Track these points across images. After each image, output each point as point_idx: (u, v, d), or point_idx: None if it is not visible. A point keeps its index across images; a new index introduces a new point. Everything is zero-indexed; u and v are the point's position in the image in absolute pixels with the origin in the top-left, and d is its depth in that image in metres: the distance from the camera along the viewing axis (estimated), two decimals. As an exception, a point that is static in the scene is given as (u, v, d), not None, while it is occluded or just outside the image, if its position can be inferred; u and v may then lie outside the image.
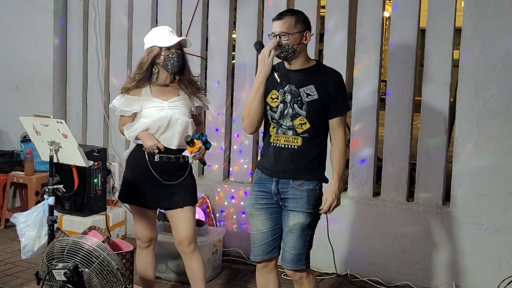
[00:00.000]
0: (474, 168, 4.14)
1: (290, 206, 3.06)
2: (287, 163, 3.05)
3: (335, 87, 3.04)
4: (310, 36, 3.05)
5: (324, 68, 3.15)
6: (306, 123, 3.02)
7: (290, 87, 3.04)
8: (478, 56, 4.08)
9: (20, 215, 3.33)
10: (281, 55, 3.03)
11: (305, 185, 3.04)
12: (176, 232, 3.44)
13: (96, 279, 2.45)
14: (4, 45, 5.72)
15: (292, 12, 3.10)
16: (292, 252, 3.08)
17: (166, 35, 3.31)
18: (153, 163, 3.34)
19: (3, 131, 5.81)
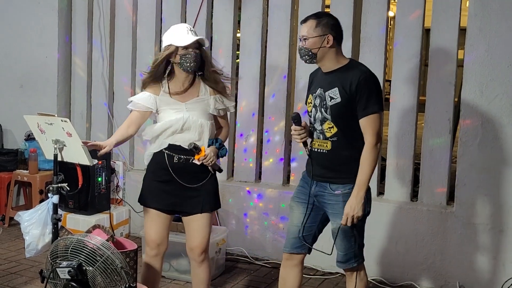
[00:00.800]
0: (478, 168, 4.13)
1: (329, 211, 3.10)
2: (319, 167, 3.08)
3: (356, 87, 2.92)
4: (332, 39, 2.97)
5: (352, 67, 3.03)
6: (333, 127, 3.01)
7: (319, 91, 3.05)
8: (483, 56, 4.07)
9: (25, 213, 3.33)
10: (302, 58, 3.06)
11: (340, 189, 3.04)
12: (189, 238, 3.34)
13: (100, 278, 2.45)
14: (9, 43, 5.74)
15: (316, 15, 3.05)
16: (340, 253, 3.14)
17: (184, 34, 3.19)
18: (172, 165, 3.23)
19: (7, 130, 5.82)
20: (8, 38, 5.73)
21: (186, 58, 3.17)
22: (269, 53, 4.89)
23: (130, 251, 3.66)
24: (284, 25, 4.76)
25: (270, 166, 4.91)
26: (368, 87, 2.95)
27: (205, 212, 3.29)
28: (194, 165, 3.23)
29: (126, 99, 5.38)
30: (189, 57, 3.17)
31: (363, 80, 2.95)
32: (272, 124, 4.87)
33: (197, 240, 3.31)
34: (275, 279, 4.42)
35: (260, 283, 4.38)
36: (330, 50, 3.00)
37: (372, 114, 2.94)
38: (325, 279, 4.43)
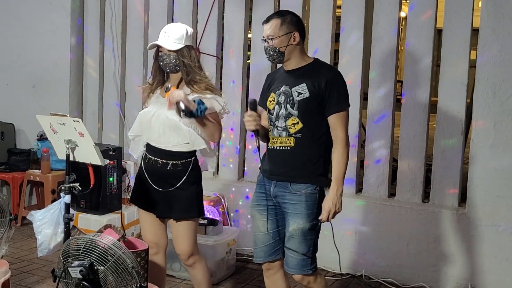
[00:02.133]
0: (490, 169, 4.11)
1: (289, 212, 3.01)
2: (281, 165, 3.02)
3: (327, 83, 2.93)
4: (299, 36, 2.98)
5: (319, 65, 3.06)
6: (298, 123, 2.96)
7: (284, 88, 3.02)
8: (495, 57, 4.05)
9: (37, 213, 3.35)
10: (270, 58, 3.03)
11: (302, 189, 2.97)
12: (174, 244, 3.35)
13: (111, 277, 2.46)
14: (21, 44, 5.78)
15: (279, 14, 3.05)
16: (296, 257, 3.01)
17: (160, 35, 3.24)
18: (145, 165, 3.28)
19: (20, 130, 5.86)
20: (21, 38, 5.77)
21: (160, 58, 3.22)
22: (280, 53, 4.87)
23: (141, 251, 3.67)
24: (295, 25, 4.75)
25: (281, 166, 4.90)
26: (340, 84, 2.98)
27: (173, 219, 3.26)
28: (160, 168, 3.22)
29: (137, 99, 5.43)
30: (162, 59, 3.21)
31: (333, 77, 2.97)
32: (283, 124, 4.86)
33: (180, 247, 3.30)
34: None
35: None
36: (296, 48, 3.00)
37: (343, 111, 2.96)
38: (335, 281, 4.42)
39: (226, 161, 5.08)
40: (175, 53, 3.18)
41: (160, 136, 3.22)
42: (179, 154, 3.23)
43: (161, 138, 3.22)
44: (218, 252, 4.30)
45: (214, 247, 4.25)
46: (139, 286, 2.45)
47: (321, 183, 3.01)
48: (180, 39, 3.19)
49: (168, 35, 3.20)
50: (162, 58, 3.21)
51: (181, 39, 3.19)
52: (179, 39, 3.19)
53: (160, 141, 3.23)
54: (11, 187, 5.53)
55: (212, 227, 4.30)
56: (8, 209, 3.38)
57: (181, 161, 3.23)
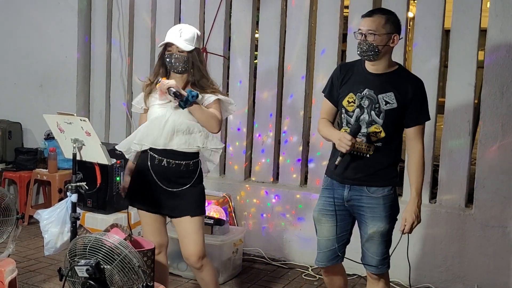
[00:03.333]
0: (498, 170, 4.09)
1: (367, 215, 3.01)
2: (356, 170, 2.99)
3: (414, 95, 2.91)
4: (398, 39, 2.92)
5: (405, 74, 3.02)
6: (381, 132, 2.93)
7: (368, 92, 2.93)
8: (503, 57, 4.03)
9: (44, 211, 3.36)
10: (365, 54, 2.90)
11: (379, 191, 2.99)
12: (182, 246, 3.29)
13: (117, 276, 2.46)
14: (29, 44, 5.79)
15: (383, 12, 2.97)
16: (376, 258, 3.07)
17: (170, 34, 3.20)
18: (153, 167, 3.22)
19: (27, 129, 5.88)
20: (29, 38, 5.79)
21: (168, 57, 3.19)
22: (287, 53, 4.88)
23: (147, 250, 3.67)
24: (302, 25, 4.75)
25: (288, 166, 4.90)
26: (424, 97, 2.97)
27: (192, 216, 3.22)
28: (173, 169, 3.21)
29: (144, 99, 5.44)
30: (170, 56, 3.17)
31: (419, 89, 2.95)
32: (290, 124, 4.86)
33: (190, 248, 3.25)
34: (292, 280, 4.43)
35: (277, 284, 4.38)
36: (390, 50, 2.94)
37: (423, 123, 2.99)
38: (342, 281, 4.41)
39: (233, 161, 5.09)
40: (186, 54, 3.16)
41: (172, 139, 3.19)
42: (190, 154, 3.23)
43: (173, 141, 3.19)
44: (224, 252, 4.30)
45: (220, 247, 4.25)
46: (145, 285, 2.45)
47: (395, 183, 3.06)
48: (191, 41, 3.18)
49: (180, 34, 3.17)
50: (172, 57, 3.17)
51: (192, 40, 3.18)
52: (190, 40, 3.18)
53: (171, 144, 3.20)
54: (18, 186, 5.55)
55: (219, 227, 4.31)
56: (15, 208, 3.39)
57: (192, 161, 3.24)
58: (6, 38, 5.90)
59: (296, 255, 4.76)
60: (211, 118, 3.14)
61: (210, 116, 3.14)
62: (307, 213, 4.66)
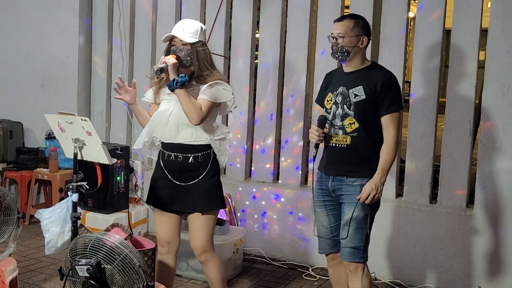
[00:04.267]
0: (499, 170, 4.09)
1: (345, 202, 3.17)
2: (337, 161, 3.19)
3: (382, 86, 3.10)
4: (366, 41, 3.17)
5: (375, 68, 3.23)
6: (354, 123, 3.13)
7: (342, 89, 3.18)
8: (504, 57, 4.03)
9: (45, 211, 3.36)
10: (335, 55, 3.17)
11: (358, 181, 3.14)
12: (190, 238, 3.33)
13: (118, 276, 2.47)
14: (30, 43, 5.80)
15: (352, 16, 3.23)
16: (350, 245, 3.16)
17: (174, 28, 3.21)
18: (165, 162, 3.25)
19: (28, 129, 5.88)
20: (30, 38, 5.80)
21: (172, 51, 3.18)
22: (287, 53, 4.88)
23: (148, 250, 3.68)
24: (303, 25, 4.76)
25: (288, 167, 4.90)
26: (392, 87, 3.15)
27: (197, 212, 3.23)
28: (181, 162, 3.21)
29: (145, 98, 5.44)
30: (174, 50, 3.17)
31: (388, 80, 3.14)
32: (290, 125, 4.86)
33: (194, 241, 3.28)
34: (292, 280, 4.43)
35: (277, 284, 4.38)
36: (360, 51, 3.18)
37: (395, 112, 3.13)
38: (342, 281, 4.41)
39: (233, 160, 5.09)
40: (189, 47, 3.16)
41: (178, 132, 3.20)
42: (198, 147, 3.22)
43: (179, 134, 3.20)
44: (225, 252, 4.30)
45: (221, 246, 4.25)
46: (145, 285, 2.46)
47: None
48: (195, 33, 3.19)
49: (183, 28, 3.18)
50: (176, 51, 3.17)
51: (195, 33, 3.19)
52: (194, 33, 3.18)
53: (178, 138, 3.21)
54: (19, 186, 5.56)
55: (219, 226, 4.31)
56: (16, 208, 3.39)
57: (201, 153, 3.23)
58: (7, 38, 5.91)
59: (297, 255, 4.76)
60: (193, 109, 3.09)
61: (193, 106, 3.08)
62: (308, 213, 4.66)
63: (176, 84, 3.06)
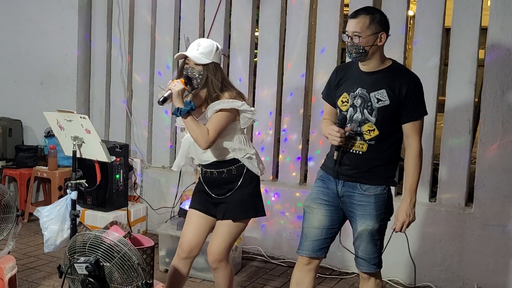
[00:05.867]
0: (498, 169, 4.09)
1: (358, 212, 3.00)
2: (351, 167, 2.99)
3: (407, 91, 2.88)
4: (385, 37, 2.91)
5: (398, 70, 2.99)
6: (375, 130, 2.93)
7: (361, 91, 2.94)
8: (504, 56, 4.03)
9: (44, 209, 3.36)
10: (351, 55, 2.91)
11: (372, 189, 2.97)
12: (209, 243, 3.30)
13: (117, 274, 2.46)
14: (29, 41, 5.79)
15: (368, 11, 2.93)
16: (365, 256, 3.05)
17: (189, 47, 3.16)
18: (203, 177, 3.29)
19: (27, 126, 5.88)
20: (29, 36, 5.79)
21: (185, 70, 3.13)
22: (287, 51, 4.88)
23: (147, 248, 3.68)
24: (302, 24, 4.75)
25: (287, 165, 4.90)
26: (419, 92, 2.95)
27: (226, 219, 3.22)
28: (219, 178, 3.22)
29: (144, 97, 5.44)
30: (186, 69, 3.12)
31: (413, 85, 2.93)
32: (290, 122, 4.86)
33: (211, 247, 3.26)
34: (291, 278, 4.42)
35: (275, 282, 4.38)
36: (379, 49, 2.93)
37: (419, 120, 2.95)
38: (340, 279, 4.42)
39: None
40: (201, 68, 3.10)
41: (204, 154, 3.21)
42: (229, 161, 3.20)
43: (206, 154, 3.20)
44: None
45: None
46: (144, 283, 2.45)
47: (390, 183, 3.03)
48: (208, 54, 3.11)
49: (197, 48, 3.12)
50: (188, 72, 3.12)
51: (209, 54, 3.11)
52: (208, 54, 3.11)
53: (207, 157, 3.21)
54: (18, 183, 5.55)
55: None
56: (15, 205, 3.39)
57: (234, 166, 3.21)
58: (7, 36, 5.90)
59: (296, 254, 4.73)
60: (199, 135, 3.05)
61: (199, 132, 3.05)
62: (307, 211, 4.66)
63: (180, 113, 3.03)
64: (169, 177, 5.26)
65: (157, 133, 5.41)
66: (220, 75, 3.17)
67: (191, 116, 3.05)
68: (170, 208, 5.10)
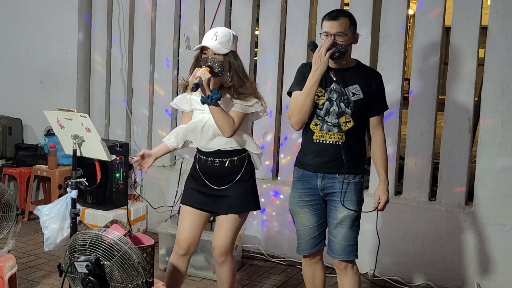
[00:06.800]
0: (498, 168, 4.09)
1: (338, 200, 3.12)
2: (331, 158, 3.13)
3: (377, 87, 3.16)
4: (358, 37, 3.15)
5: (365, 68, 3.27)
6: (350, 121, 3.11)
7: (335, 86, 3.11)
8: (504, 55, 4.03)
9: (44, 207, 3.36)
10: (335, 54, 3.05)
11: (350, 178, 3.14)
12: (213, 237, 3.32)
13: (117, 272, 2.47)
14: (29, 40, 5.79)
15: (344, 13, 3.14)
16: (344, 243, 3.15)
17: (206, 37, 3.17)
18: (201, 167, 3.27)
19: (27, 125, 5.88)
20: (29, 34, 5.79)
21: (203, 60, 3.14)
22: (287, 51, 4.88)
23: (147, 247, 3.68)
24: (302, 22, 4.75)
25: (287, 164, 4.90)
26: (383, 87, 3.24)
27: (230, 213, 3.24)
28: (221, 168, 3.23)
29: (144, 95, 5.44)
30: (205, 59, 3.13)
31: (380, 80, 3.22)
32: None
33: (217, 241, 3.28)
34: (291, 276, 4.43)
35: (276, 280, 4.38)
36: (351, 48, 3.15)
37: (383, 112, 3.24)
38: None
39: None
40: (221, 57, 3.12)
41: (212, 141, 3.22)
42: (234, 151, 3.23)
43: (214, 141, 3.21)
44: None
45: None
46: (144, 282, 2.46)
47: (364, 172, 3.25)
48: (227, 43, 3.14)
49: (215, 37, 3.13)
50: (208, 60, 3.12)
51: (228, 43, 3.14)
52: (226, 43, 3.14)
53: (213, 144, 3.22)
54: (18, 182, 5.55)
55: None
56: (15, 204, 3.39)
57: (237, 157, 3.24)
58: (7, 35, 5.90)
59: (296, 252, 4.74)
60: (226, 123, 3.11)
61: (226, 120, 3.11)
62: (307, 210, 4.66)
63: (211, 101, 3.04)
64: (169, 176, 5.27)
65: (157, 131, 5.41)
66: (240, 63, 3.22)
67: (219, 104, 3.09)
68: (170, 207, 5.10)
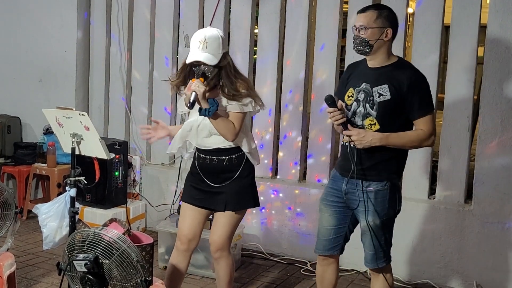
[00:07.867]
0: (497, 166, 4.09)
1: (360, 208, 3.04)
2: (354, 162, 2.99)
3: (409, 87, 2.90)
4: (391, 33, 2.95)
5: (402, 66, 3.01)
6: (375, 124, 2.95)
7: (365, 85, 2.98)
8: (503, 53, 4.03)
9: (42, 206, 3.36)
10: (357, 48, 2.97)
11: (373, 185, 3.00)
12: (211, 233, 3.36)
13: (116, 271, 2.46)
14: (28, 38, 5.78)
15: (377, 7, 3.02)
16: (369, 252, 3.10)
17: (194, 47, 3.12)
18: (199, 164, 3.29)
19: (26, 123, 5.87)
20: (28, 32, 5.78)
21: (196, 70, 3.13)
22: (286, 49, 4.87)
23: (146, 245, 3.68)
24: (302, 21, 4.75)
25: (286, 162, 4.90)
26: (423, 88, 2.96)
27: (228, 210, 3.26)
28: (219, 165, 3.24)
29: (143, 93, 5.44)
30: (198, 69, 3.12)
31: (415, 81, 2.94)
32: (289, 120, 4.85)
33: (213, 236, 3.31)
34: (290, 275, 4.43)
35: (275, 279, 4.38)
36: (385, 44, 2.97)
37: (427, 115, 2.95)
38: (340, 276, 4.41)
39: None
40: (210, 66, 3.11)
41: (209, 140, 3.23)
42: (232, 149, 3.24)
43: (210, 140, 3.23)
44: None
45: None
46: (143, 280, 2.46)
47: (391, 179, 3.02)
48: (217, 50, 3.12)
49: (205, 46, 3.10)
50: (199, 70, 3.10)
51: (218, 48, 3.12)
52: (217, 50, 3.12)
53: (210, 143, 3.23)
54: (17, 181, 5.55)
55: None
56: (14, 202, 3.39)
57: (235, 155, 3.25)
58: (6, 33, 5.89)
59: (295, 251, 4.76)
60: (227, 130, 3.13)
61: (226, 127, 3.12)
62: (306, 209, 4.66)
63: (209, 114, 3.05)
64: (168, 174, 5.26)
65: (156, 130, 5.40)
66: (231, 63, 3.21)
67: (217, 113, 3.09)
68: (169, 205, 5.09)
